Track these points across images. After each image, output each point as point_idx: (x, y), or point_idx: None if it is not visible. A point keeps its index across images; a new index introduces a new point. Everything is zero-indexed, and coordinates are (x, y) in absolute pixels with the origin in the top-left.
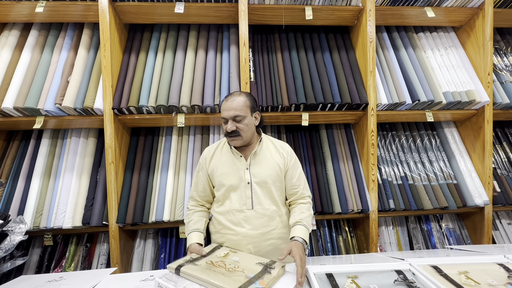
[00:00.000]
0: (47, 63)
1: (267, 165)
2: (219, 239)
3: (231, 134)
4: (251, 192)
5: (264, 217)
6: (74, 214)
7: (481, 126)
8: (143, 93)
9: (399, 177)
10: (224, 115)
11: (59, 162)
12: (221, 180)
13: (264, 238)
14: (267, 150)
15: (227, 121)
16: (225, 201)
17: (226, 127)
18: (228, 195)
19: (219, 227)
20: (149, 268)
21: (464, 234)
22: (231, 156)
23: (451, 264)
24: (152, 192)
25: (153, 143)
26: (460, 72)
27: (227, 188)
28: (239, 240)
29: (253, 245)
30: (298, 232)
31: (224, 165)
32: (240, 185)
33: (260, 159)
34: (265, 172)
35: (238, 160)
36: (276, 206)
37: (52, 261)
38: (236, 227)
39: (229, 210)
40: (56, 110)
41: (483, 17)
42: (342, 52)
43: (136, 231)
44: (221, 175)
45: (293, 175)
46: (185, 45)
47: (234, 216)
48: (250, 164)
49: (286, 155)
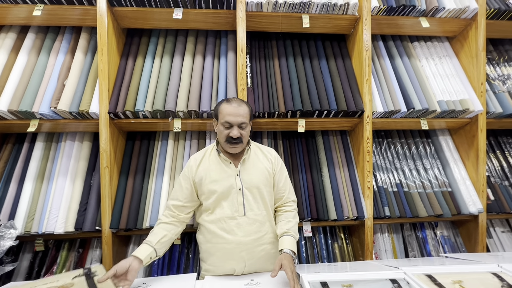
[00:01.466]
0: (43, 66)
1: (257, 171)
2: (210, 249)
3: (235, 141)
4: (242, 198)
5: (256, 223)
6: (66, 219)
7: (475, 135)
8: (139, 98)
9: (395, 184)
10: (230, 120)
11: (52, 165)
12: (211, 188)
13: (257, 244)
14: (255, 156)
15: (230, 126)
16: (215, 209)
17: (229, 133)
18: (219, 202)
19: (209, 237)
20: (142, 275)
21: (459, 241)
22: (219, 163)
23: (445, 273)
24: (147, 197)
25: (149, 147)
26: (454, 81)
27: (218, 195)
28: (232, 249)
29: (247, 252)
30: (287, 244)
31: (213, 172)
32: (231, 192)
33: (250, 165)
34: (256, 178)
35: (228, 167)
36: (267, 211)
37: (43, 267)
38: (229, 235)
39: (221, 217)
40: (51, 114)
41: (476, 28)
42: (338, 60)
43: (130, 236)
44: (211, 182)
45: (279, 179)
46: (182, 50)
47: (226, 223)
48: (240, 170)
49: (274, 160)
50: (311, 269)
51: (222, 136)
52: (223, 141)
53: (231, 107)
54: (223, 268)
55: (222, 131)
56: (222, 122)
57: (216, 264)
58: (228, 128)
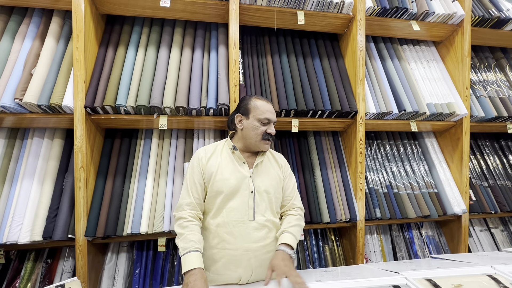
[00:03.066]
0: (6, 52)
1: (269, 175)
2: (215, 255)
3: (271, 137)
4: (253, 202)
5: (265, 228)
6: (33, 227)
7: (459, 137)
8: (121, 91)
9: (385, 185)
10: (270, 116)
11: (16, 165)
12: (220, 186)
13: (265, 251)
14: (268, 160)
15: (268, 123)
16: (221, 210)
17: (266, 129)
18: (226, 203)
19: (215, 241)
20: (121, 285)
21: (442, 241)
22: (232, 161)
23: (443, 277)
24: (128, 201)
25: (130, 146)
26: (441, 84)
27: (227, 195)
28: (240, 256)
29: (255, 259)
30: (281, 240)
31: (226, 169)
32: (242, 194)
33: (264, 169)
34: (269, 183)
35: (241, 167)
36: (275, 217)
37: (3, 282)
38: (237, 241)
39: (229, 221)
40: (15, 106)
41: (462, 34)
42: (331, 59)
43: (108, 244)
44: (221, 180)
45: (288, 186)
46: (169, 42)
47: (234, 228)
48: (253, 172)
49: (284, 166)
50: (309, 276)
51: (256, 133)
52: (259, 138)
53: (267, 104)
54: (229, 276)
55: (258, 128)
56: (260, 119)
57: (220, 272)
58: (266, 124)
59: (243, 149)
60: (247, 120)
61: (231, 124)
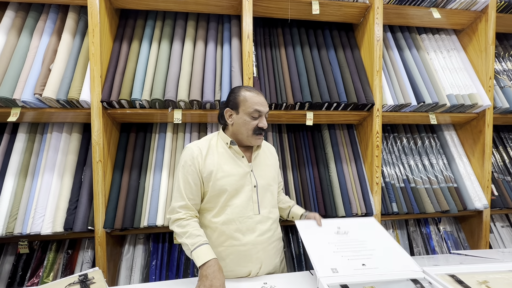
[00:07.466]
0: (25, 48)
1: (267, 167)
2: (221, 253)
3: (263, 131)
4: (257, 196)
5: (269, 220)
6: (54, 218)
7: (481, 130)
8: (136, 86)
9: (402, 180)
10: (260, 109)
11: (37, 159)
12: (223, 185)
13: (270, 242)
14: (263, 152)
15: (259, 116)
16: (225, 208)
17: (258, 123)
18: (230, 201)
19: (221, 239)
20: (138, 276)
21: (462, 237)
22: (230, 157)
23: (468, 273)
24: (144, 194)
25: (145, 140)
26: (462, 75)
27: (231, 192)
28: (249, 250)
29: (263, 252)
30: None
31: (225, 167)
32: (245, 189)
33: (260, 161)
34: (268, 174)
35: (241, 161)
36: (276, 208)
37: (28, 271)
38: (244, 236)
39: (235, 217)
40: (35, 101)
41: (486, 21)
42: (347, 50)
43: (125, 236)
44: (223, 178)
45: (278, 174)
46: (182, 35)
47: (241, 224)
48: (252, 166)
49: (275, 155)
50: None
51: (247, 127)
52: (250, 133)
53: (257, 96)
54: (238, 272)
55: (249, 122)
56: (249, 112)
57: (230, 269)
58: (257, 118)
59: (237, 143)
60: (237, 115)
61: (221, 119)
